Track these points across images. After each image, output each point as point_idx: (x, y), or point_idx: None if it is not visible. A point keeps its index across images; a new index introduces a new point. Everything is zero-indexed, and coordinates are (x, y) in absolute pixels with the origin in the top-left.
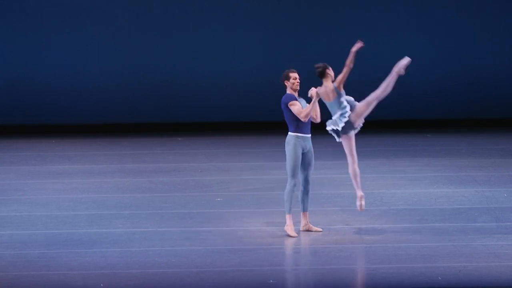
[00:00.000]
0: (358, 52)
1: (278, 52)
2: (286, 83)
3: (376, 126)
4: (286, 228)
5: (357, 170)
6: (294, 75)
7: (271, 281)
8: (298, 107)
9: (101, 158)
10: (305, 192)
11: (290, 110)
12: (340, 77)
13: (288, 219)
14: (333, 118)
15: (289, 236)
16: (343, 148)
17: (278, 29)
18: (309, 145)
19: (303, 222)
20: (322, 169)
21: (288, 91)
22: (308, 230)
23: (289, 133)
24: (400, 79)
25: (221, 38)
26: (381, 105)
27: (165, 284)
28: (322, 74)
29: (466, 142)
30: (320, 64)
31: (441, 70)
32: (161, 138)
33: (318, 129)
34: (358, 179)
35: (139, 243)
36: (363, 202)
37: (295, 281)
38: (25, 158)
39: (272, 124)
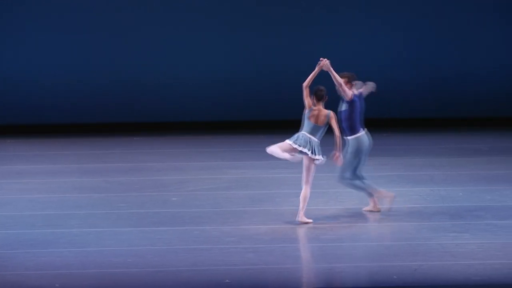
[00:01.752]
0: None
1: (234, 51)
2: None
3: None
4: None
5: (308, 193)
6: None
7: (227, 280)
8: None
9: (59, 158)
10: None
11: None
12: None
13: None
14: (312, 141)
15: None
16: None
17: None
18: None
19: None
20: (278, 168)
21: None
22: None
23: None
24: (359, 79)
25: (179, 38)
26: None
27: (121, 284)
28: (321, 98)
29: (423, 141)
30: (323, 88)
31: (400, 70)
32: (119, 138)
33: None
34: (305, 203)
35: (95, 243)
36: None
37: (251, 280)
38: None
39: (230, 123)
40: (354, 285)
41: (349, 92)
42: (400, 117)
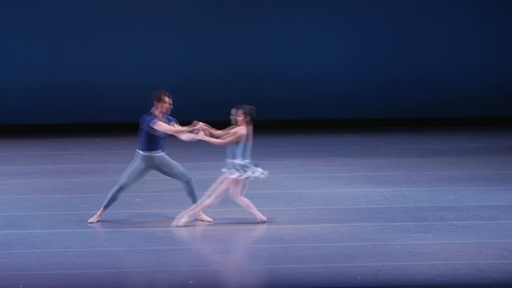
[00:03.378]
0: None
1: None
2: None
3: (294, 125)
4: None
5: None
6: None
7: (191, 281)
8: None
9: (19, 159)
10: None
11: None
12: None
13: None
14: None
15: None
16: (260, 149)
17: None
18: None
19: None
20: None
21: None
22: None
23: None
24: (320, 79)
25: (164, 38)
26: (300, 105)
27: (83, 285)
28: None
29: (385, 141)
30: (253, 108)
31: (361, 70)
32: (79, 139)
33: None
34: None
35: (57, 244)
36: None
37: (214, 281)
38: None
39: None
40: (317, 286)
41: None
42: (360, 118)
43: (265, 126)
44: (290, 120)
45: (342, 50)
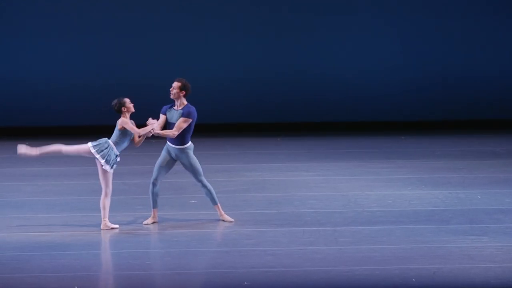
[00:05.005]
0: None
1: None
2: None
3: (351, 128)
4: None
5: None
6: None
7: (246, 283)
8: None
9: (74, 161)
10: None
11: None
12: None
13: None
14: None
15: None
16: (316, 151)
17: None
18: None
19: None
20: (297, 171)
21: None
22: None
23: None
24: (374, 82)
25: (190, 40)
26: (356, 107)
27: (139, 286)
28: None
29: (441, 144)
30: (115, 101)
31: (416, 72)
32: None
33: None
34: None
35: (113, 245)
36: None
37: (269, 283)
38: None
39: (245, 125)
40: None
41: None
42: (417, 120)
43: (321, 128)
44: (346, 122)
45: (396, 53)
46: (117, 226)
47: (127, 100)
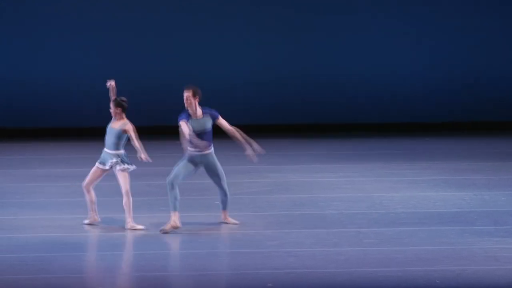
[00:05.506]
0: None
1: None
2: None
3: (375, 129)
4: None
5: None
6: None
7: (270, 284)
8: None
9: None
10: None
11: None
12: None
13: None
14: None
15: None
16: (341, 152)
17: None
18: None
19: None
20: (321, 172)
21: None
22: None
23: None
24: (398, 82)
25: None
26: (380, 108)
27: (162, 287)
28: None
29: (465, 145)
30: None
31: (440, 72)
32: (160, 141)
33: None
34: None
35: (137, 246)
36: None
37: (293, 284)
38: (23, 161)
39: (269, 126)
40: None
41: None
42: (441, 121)
43: (346, 130)
44: (371, 123)
45: (419, 54)
46: (142, 226)
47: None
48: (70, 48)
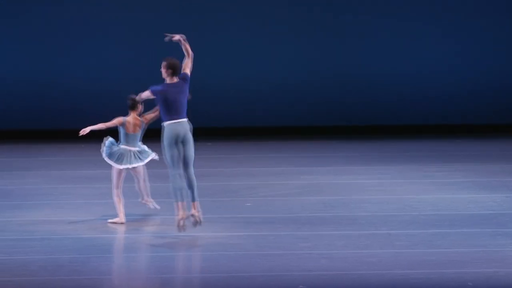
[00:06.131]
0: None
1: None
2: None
3: (406, 131)
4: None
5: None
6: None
7: (301, 286)
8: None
9: None
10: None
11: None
12: (151, 115)
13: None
14: (130, 150)
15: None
16: (372, 154)
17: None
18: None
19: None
20: (352, 174)
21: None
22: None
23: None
24: (429, 84)
25: (250, 43)
26: (411, 109)
27: None
28: (133, 107)
29: (497, 147)
30: (133, 97)
31: (472, 74)
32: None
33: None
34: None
35: (168, 248)
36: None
37: (325, 286)
38: (55, 163)
39: (300, 128)
40: None
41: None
42: (472, 123)
43: (377, 131)
44: (402, 125)
45: (450, 56)
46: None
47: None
48: (93, 49)
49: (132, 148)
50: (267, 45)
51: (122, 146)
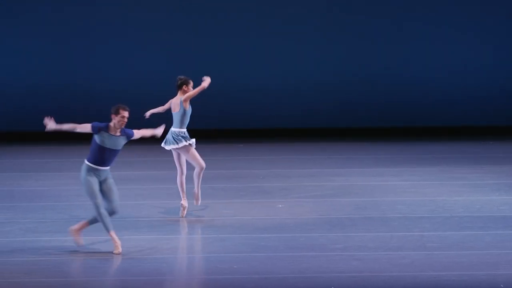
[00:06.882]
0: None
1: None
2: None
3: (438, 133)
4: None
5: (184, 181)
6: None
7: (333, 287)
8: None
9: (162, 165)
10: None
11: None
12: (189, 93)
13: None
14: (175, 131)
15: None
16: (404, 156)
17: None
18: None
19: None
20: (384, 176)
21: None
22: None
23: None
24: (461, 86)
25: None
26: (443, 112)
27: None
28: (179, 87)
29: None
30: (182, 77)
31: (503, 76)
32: (221, 145)
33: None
34: (184, 189)
35: (200, 249)
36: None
37: (358, 287)
38: None
39: (332, 130)
40: None
41: None
42: (505, 124)
43: (408, 133)
44: (434, 126)
45: (482, 58)
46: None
47: (191, 82)
48: (131, 51)
49: (173, 129)
50: (300, 47)
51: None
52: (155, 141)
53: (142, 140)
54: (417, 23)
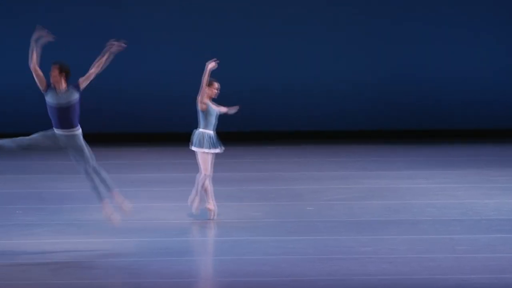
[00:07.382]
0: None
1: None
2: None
3: (469, 135)
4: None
5: (208, 184)
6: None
7: None
8: None
9: (190, 167)
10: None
11: None
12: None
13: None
14: (205, 134)
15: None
16: (434, 158)
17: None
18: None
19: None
20: (415, 179)
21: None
22: None
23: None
24: (492, 89)
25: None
26: (474, 114)
27: None
28: (210, 83)
29: None
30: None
31: None
32: (251, 147)
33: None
34: (209, 192)
35: (229, 251)
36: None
37: None
38: (115, 166)
39: (360, 132)
40: None
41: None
42: None
43: (439, 135)
44: (464, 129)
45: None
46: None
47: (215, 84)
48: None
49: (200, 130)
50: (335, 48)
51: None
52: (186, 142)
53: (174, 140)
54: (418, 23)
